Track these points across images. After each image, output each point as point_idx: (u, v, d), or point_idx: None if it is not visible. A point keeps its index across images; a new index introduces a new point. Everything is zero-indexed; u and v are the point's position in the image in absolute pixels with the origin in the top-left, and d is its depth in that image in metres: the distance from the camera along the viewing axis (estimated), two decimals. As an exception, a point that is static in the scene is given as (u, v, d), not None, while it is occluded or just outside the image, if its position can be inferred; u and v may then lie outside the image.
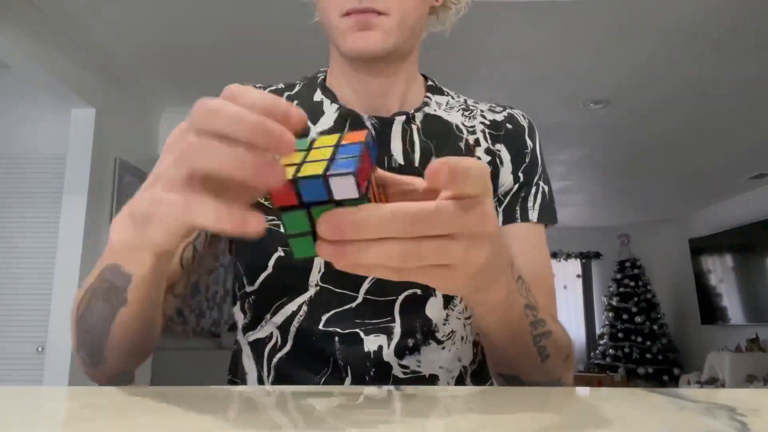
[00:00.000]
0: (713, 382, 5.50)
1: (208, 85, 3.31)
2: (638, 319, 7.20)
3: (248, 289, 0.67)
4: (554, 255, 8.01)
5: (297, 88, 0.74)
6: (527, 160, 0.72)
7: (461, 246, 0.33)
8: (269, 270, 0.65)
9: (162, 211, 0.32)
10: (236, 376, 0.71)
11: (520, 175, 0.71)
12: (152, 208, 0.33)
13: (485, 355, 0.60)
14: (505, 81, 3.32)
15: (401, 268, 0.33)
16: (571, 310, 8.03)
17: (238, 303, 0.70)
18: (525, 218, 0.69)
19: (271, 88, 0.74)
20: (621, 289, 7.48)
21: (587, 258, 8.21)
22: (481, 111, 0.75)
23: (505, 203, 0.70)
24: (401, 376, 0.63)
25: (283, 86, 0.75)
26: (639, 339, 7.11)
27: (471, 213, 0.32)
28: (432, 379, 0.65)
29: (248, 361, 0.69)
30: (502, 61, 3.09)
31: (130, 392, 0.42)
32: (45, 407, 0.40)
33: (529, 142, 0.73)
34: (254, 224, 0.30)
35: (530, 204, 0.70)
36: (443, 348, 0.65)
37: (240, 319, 0.70)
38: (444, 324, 0.65)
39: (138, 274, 0.43)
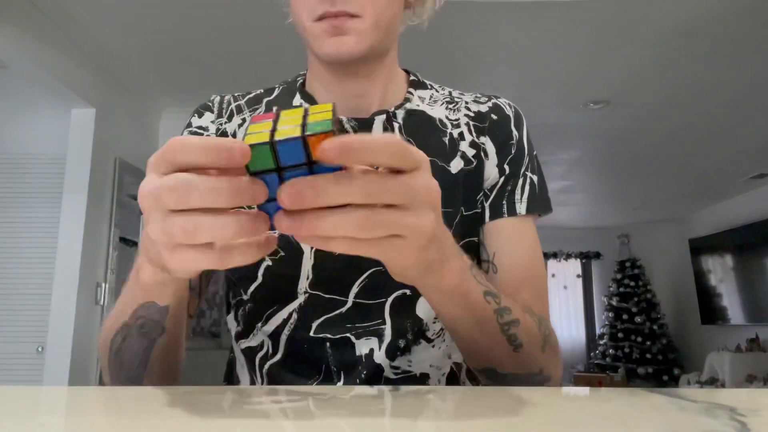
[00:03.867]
0: (713, 382, 5.50)
1: (208, 85, 3.31)
2: (638, 319, 7.20)
3: (241, 298, 0.67)
4: (554, 255, 8.01)
5: (276, 93, 0.74)
6: (513, 151, 0.70)
7: (412, 214, 0.35)
8: (259, 280, 0.65)
9: (181, 266, 0.35)
10: (231, 383, 0.72)
11: (506, 167, 0.69)
12: (171, 264, 0.36)
13: None
14: (504, 81, 3.32)
15: (356, 239, 0.34)
16: (571, 310, 8.03)
17: (232, 312, 0.70)
18: (512, 212, 0.67)
19: (249, 96, 0.74)
20: (621, 289, 7.48)
21: (587, 258, 8.21)
22: (466, 103, 0.73)
23: (491, 198, 0.68)
24: (392, 377, 0.63)
25: (262, 91, 0.75)
26: (639, 339, 7.11)
27: (417, 183, 0.34)
28: (422, 378, 0.64)
29: (242, 370, 0.69)
30: (502, 61, 3.09)
31: (130, 392, 0.43)
32: (45, 407, 0.40)
33: (515, 133, 0.71)
34: (265, 249, 0.35)
35: (517, 196, 0.68)
36: (433, 346, 0.65)
37: (233, 327, 0.70)
38: (434, 322, 0.65)
39: (173, 303, 0.48)
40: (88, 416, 0.36)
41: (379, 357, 0.62)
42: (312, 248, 0.64)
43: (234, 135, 0.70)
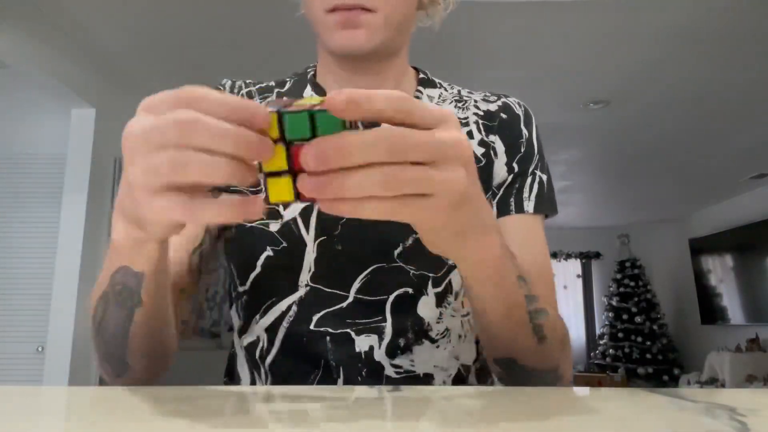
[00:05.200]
0: (713, 382, 5.50)
1: (208, 86, 3.30)
2: (638, 319, 7.20)
3: (240, 289, 0.67)
4: (554, 255, 8.01)
5: (288, 86, 0.73)
6: (522, 150, 0.69)
7: (440, 171, 0.33)
8: (258, 269, 0.64)
9: (156, 214, 0.33)
10: (232, 379, 0.71)
11: (515, 165, 0.69)
12: (147, 213, 0.34)
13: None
14: (505, 81, 3.32)
15: (384, 200, 0.33)
16: (571, 310, 8.03)
17: (234, 305, 0.70)
18: (520, 209, 0.66)
19: (261, 85, 0.74)
20: (621, 289, 7.49)
21: (587, 258, 8.21)
22: (475, 101, 0.73)
23: (499, 195, 0.68)
24: (394, 375, 0.63)
25: (274, 83, 0.74)
26: (639, 339, 7.11)
27: (443, 137, 0.33)
28: (426, 379, 0.64)
29: (242, 366, 0.69)
30: (503, 61, 3.09)
31: (130, 392, 0.42)
32: (45, 407, 0.40)
33: (524, 131, 0.71)
34: (256, 207, 0.32)
35: (525, 194, 0.67)
36: (437, 347, 0.64)
37: (236, 322, 0.70)
38: (438, 322, 0.64)
39: (148, 269, 0.44)
40: (88, 417, 0.36)
41: (379, 355, 0.62)
42: (315, 241, 0.63)
43: None
